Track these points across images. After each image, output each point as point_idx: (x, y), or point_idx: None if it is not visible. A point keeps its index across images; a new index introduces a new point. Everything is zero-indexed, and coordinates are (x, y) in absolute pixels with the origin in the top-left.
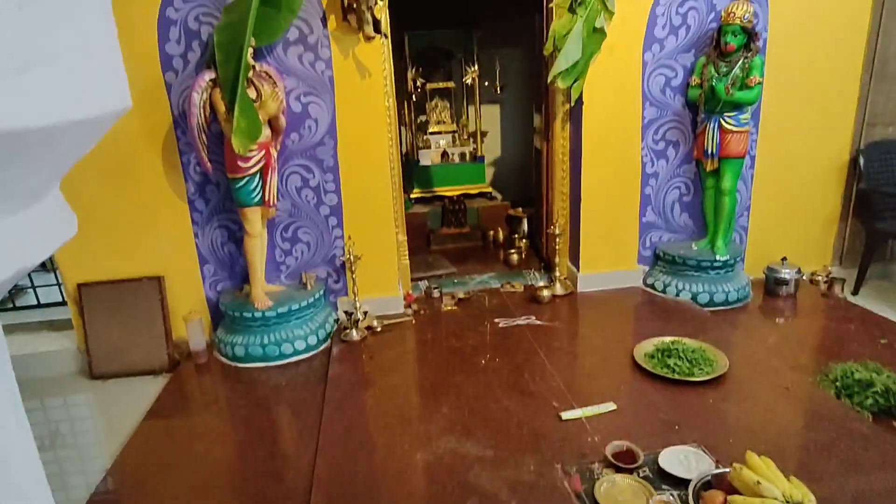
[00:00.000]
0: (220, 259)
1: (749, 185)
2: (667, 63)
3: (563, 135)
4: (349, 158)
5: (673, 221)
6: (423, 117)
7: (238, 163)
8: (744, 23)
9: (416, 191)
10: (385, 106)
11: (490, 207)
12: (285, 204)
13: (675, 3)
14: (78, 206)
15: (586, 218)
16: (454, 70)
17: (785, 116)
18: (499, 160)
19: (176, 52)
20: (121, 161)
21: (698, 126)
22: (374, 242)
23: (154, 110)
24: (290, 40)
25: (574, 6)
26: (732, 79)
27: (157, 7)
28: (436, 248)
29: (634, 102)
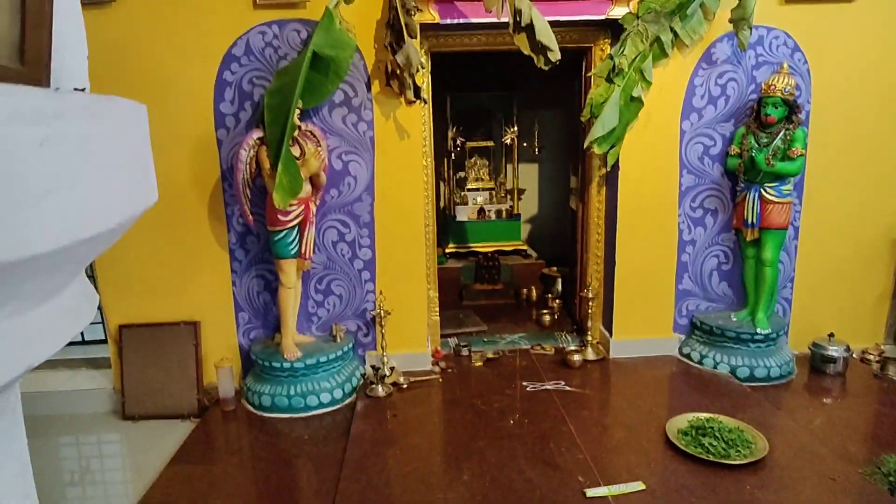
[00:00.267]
0: (254, 307)
1: (793, 257)
2: (705, 132)
3: (598, 198)
4: (385, 215)
5: (711, 290)
6: (461, 173)
7: (278, 216)
8: (785, 95)
9: (452, 246)
10: (422, 165)
11: (524, 265)
12: (321, 257)
13: (714, 74)
14: (124, 250)
15: (620, 282)
16: (494, 129)
17: (831, 188)
18: (536, 218)
19: (229, 112)
20: (169, 209)
21: (738, 195)
22: (405, 298)
23: (205, 164)
24: (335, 102)
25: (611, 76)
26: (773, 150)
27: (215, 70)
28: (468, 303)
29: (671, 169)
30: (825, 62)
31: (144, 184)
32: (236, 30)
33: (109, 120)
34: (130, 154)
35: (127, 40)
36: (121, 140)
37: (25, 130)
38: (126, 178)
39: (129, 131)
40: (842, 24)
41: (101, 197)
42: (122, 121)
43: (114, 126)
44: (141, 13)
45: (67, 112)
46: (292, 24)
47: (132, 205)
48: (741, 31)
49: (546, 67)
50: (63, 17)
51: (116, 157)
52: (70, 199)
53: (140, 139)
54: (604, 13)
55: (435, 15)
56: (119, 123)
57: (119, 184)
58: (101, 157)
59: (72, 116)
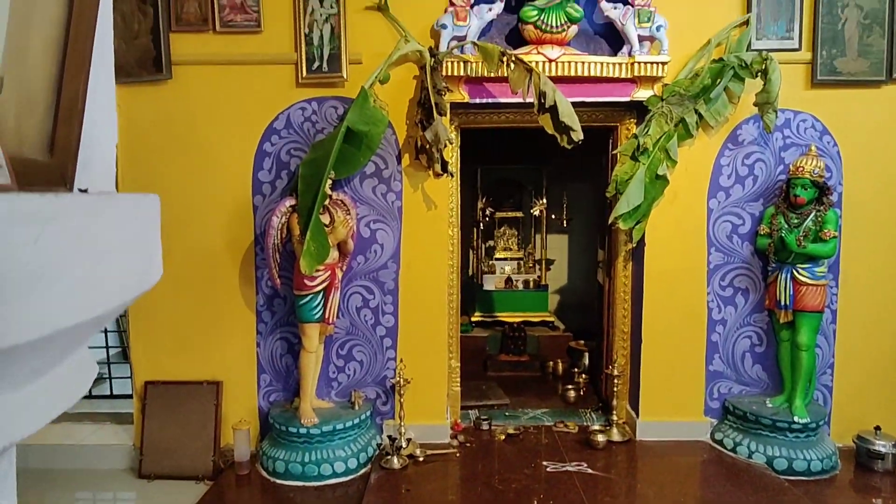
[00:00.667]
0: (276, 370)
1: (831, 342)
2: (733, 210)
3: (624, 273)
4: (409, 283)
5: (744, 373)
6: (490, 242)
7: (304, 281)
8: (814, 177)
9: (478, 314)
10: (449, 235)
11: (551, 337)
12: (344, 322)
13: (741, 155)
14: (158, 307)
15: (647, 360)
16: (524, 200)
17: (868, 271)
18: (564, 288)
19: (266, 180)
20: (203, 269)
21: (769, 275)
22: (425, 367)
23: (240, 228)
24: (366, 173)
25: (636, 154)
26: (804, 231)
27: (257, 141)
28: (492, 373)
29: (699, 247)
30: (856, 145)
31: (144, 269)
32: (279, 105)
33: (108, 216)
34: (129, 244)
35: (180, 113)
36: (119, 232)
37: (20, 230)
38: (122, 266)
39: (130, 224)
40: (871, 108)
41: (92, 286)
42: (123, 216)
43: (113, 221)
44: (194, 89)
45: (64, 214)
46: (330, 101)
47: (127, 291)
48: (766, 114)
49: (569, 147)
50: (95, 107)
51: (113, 248)
52: (58, 290)
53: (144, 228)
54: (628, 95)
55: (465, 95)
56: (119, 218)
57: (113, 272)
58: (96, 249)
59: (69, 217)
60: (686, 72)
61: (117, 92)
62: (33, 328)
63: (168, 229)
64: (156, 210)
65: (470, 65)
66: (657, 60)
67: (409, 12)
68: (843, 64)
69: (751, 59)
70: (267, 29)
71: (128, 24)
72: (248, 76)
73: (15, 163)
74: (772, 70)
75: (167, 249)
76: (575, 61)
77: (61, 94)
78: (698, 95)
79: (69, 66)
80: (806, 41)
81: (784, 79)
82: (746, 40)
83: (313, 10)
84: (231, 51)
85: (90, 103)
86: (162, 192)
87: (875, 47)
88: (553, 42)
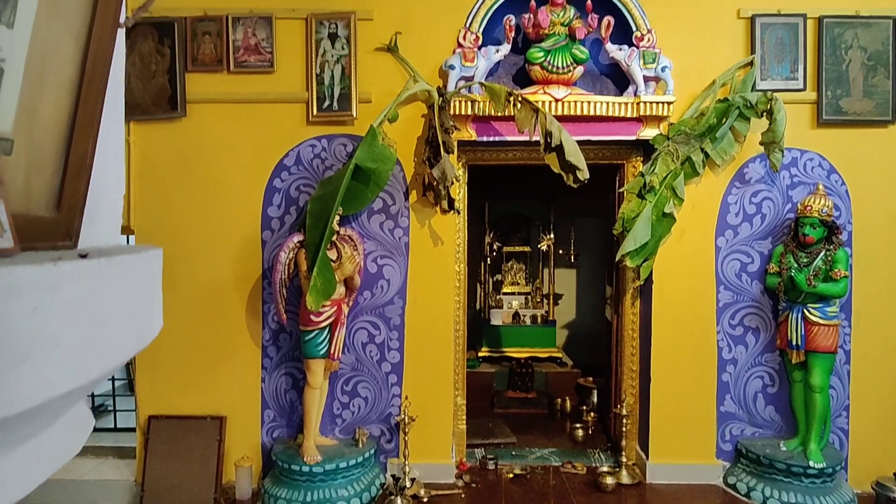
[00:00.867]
0: (280, 405)
1: (846, 383)
2: (742, 249)
3: (632, 310)
4: (416, 318)
5: (756, 415)
6: (498, 276)
7: (310, 316)
8: (822, 216)
9: (485, 350)
10: (455, 271)
11: (559, 374)
12: (349, 357)
13: (748, 193)
14: (165, 342)
15: (657, 400)
16: (531, 234)
17: (881, 311)
18: (573, 323)
19: (275, 215)
20: (211, 303)
21: (780, 314)
22: (431, 404)
23: (248, 263)
24: (374, 209)
25: (643, 192)
26: (814, 270)
27: (267, 177)
28: (499, 410)
29: (708, 285)
30: (864, 184)
31: (143, 327)
32: (289, 142)
33: (107, 281)
34: (128, 305)
35: (193, 149)
36: (118, 296)
37: (17, 301)
38: (120, 328)
39: (130, 285)
40: (878, 147)
41: (89, 351)
42: (122, 278)
43: (111, 285)
44: (207, 126)
45: (63, 282)
46: (340, 139)
47: (124, 351)
48: (773, 153)
49: (575, 185)
50: (104, 161)
51: (111, 312)
52: (53, 358)
53: (143, 287)
54: (634, 134)
55: (472, 133)
56: (117, 281)
57: (111, 335)
58: (94, 315)
59: (67, 285)
60: (692, 111)
61: (132, 129)
62: (26, 399)
63: (177, 263)
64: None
65: (477, 104)
66: (662, 100)
67: (418, 53)
68: (848, 104)
69: (756, 99)
70: (279, 69)
71: (146, 64)
72: (259, 114)
73: (20, 220)
74: (777, 110)
75: (175, 283)
76: (581, 101)
77: (70, 152)
78: (704, 134)
79: (79, 124)
80: (811, 82)
81: (790, 118)
82: (751, 80)
83: (325, 51)
84: (244, 90)
85: (99, 157)
86: (172, 226)
87: (880, 88)
88: (559, 82)
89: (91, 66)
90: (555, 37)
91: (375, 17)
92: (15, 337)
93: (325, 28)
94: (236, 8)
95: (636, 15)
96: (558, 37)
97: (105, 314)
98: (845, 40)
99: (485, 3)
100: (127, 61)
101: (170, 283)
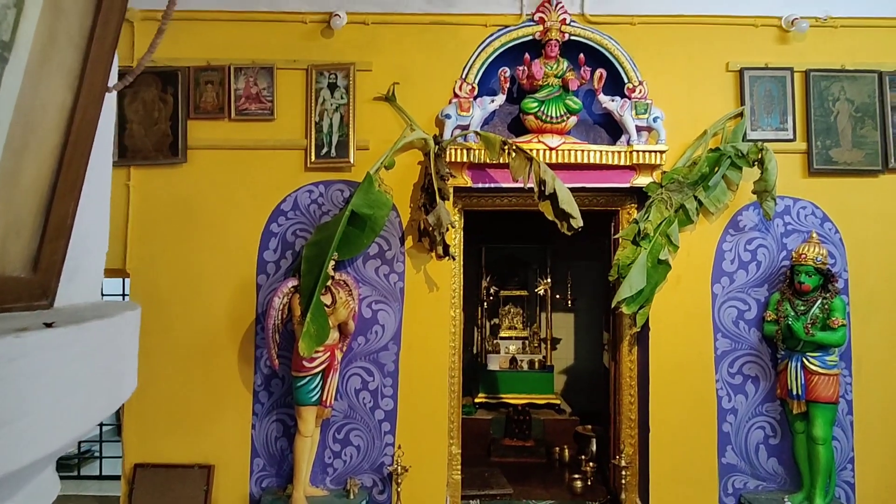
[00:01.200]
0: (271, 454)
1: (849, 434)
2: (738, 296)
3: (630, 357)
4: (410, 365)
5: (759, 467)
6: (495, 320)
7: (303, 362)
8: (817, 264)
9: (482, 395)
10: (450, 317)
11: (557, 421)
12: (342, 404)
13: (743, 241)
14: (154, 386)
15: (656, 451)
16: (529, 278)
17: (882, 359)
18: (571, 368)
19: (271, 259)
20: (202, 347)
21: (779, 363)
22: (425, 453)
23: (242, 306)
24: (369, 254)
25: (637, 239)
26: (812, 318)
27: (264, 222)
28: (496, 459)
29: (705, 333)
30: (858, 232)
31: (113, 391)
32: (287, 188)
33: (75, 349)
34: (98, 372)
35: (192, 193)
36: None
37: None
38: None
39: (101, 349)
40: (870, 196)
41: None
42: (92, 345)
43: (80, 353)
44: (207, 171)
45: (26, 353)
46: (337, 185)
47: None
48: (765, 201)
49: (569, 233)
50: (87, 220)
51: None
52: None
53: (115, 351)
54: (627, 182)
55: (468, 180)
56: (87, 349)
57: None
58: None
59: (33, 355)
60: (684, 160)
61: (132, 174)
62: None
63: (171, 306)
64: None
65: (473, 152)
66: (655, 149)
67: (415, 103)
68: (838, 154)
69: (747, 149)
70: (279, 117)
71: (148, 111)
72: (259, 160)
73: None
74: (768, 160)
75: (169, 326)
76: (575, 149)
77: (50, 216)
78: (697, 183)
79: (61, 189)
80: (800, 132)
81: (781, 167)
82: (742, 131)
83: (324, 100)
84: (244, 136)
85: (81, 218)
86: (168, 270)
87: (869, 139)
88: (553, 131)
89: (76, 131)
90: (549, 88)
91: (374, 69)
92: None
93: (325, 78)
94: (239, 58)
95: (627, 67)
96: (552, 88)
97: (72, 382)
98: (832, 93)
99: (480, 55)
100: (130, 108)
101: (163, 327)
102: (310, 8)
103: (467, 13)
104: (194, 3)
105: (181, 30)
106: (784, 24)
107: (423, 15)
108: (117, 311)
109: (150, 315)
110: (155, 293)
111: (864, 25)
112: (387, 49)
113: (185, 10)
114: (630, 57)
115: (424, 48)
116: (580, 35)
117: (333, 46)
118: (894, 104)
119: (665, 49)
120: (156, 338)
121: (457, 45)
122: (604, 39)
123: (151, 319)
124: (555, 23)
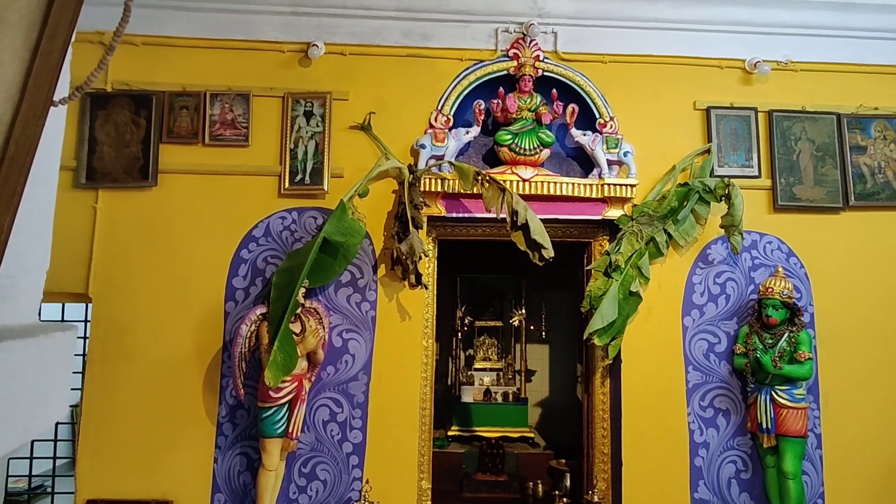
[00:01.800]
0: (233, 489)
1: (819, 468)
2: (708, 329)
3: (602, 390)
4: (380, 396)
5: (731, 501)
6: (470, 351)
7: (269, 392)
8: (783, 298)
9: (455, 428)
10: (423, 346)
11: (531, 455)
12: (309, 436)
13: (712, 274)
14: (111, 416)
15: (629, 486)
16: (504, 308)
17: (849, 393)
18: (546, 401)
19: (240, 286)
20: (165, 376)
21: (749, 396)
22: (394, 488)
23: (209, 334)
24: (341, 282)
25: (609, 271)
26: (779, 351)
27: (234, 248)
28: (468, 495)
29: (676, 365)
30: (822, 267)
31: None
32: (259, 214)
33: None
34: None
35: (161, 218)
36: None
37: None
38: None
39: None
40: (833, 232)
41: None
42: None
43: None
44: (177, 196)
45: None
46: (310, 212)
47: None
48: (733, 236)
49: (541, 264)
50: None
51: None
52: None
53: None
54: (599, 214)
55: (442, 209)
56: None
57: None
58: None
59: None
60: (654, 194)
61: (100, 196)
62: None
63: (135, 332)
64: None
65: (447, 181)
66: (625, 183)
67: (390, 132)
68: (801, 191)
69: (714, 184)
70: (254, 143)
71: (120, 133)
72: (231, 186)
73: None
74: (734, 195)
75: (130, 353)
76: (547, 181)
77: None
78: (666, 216)
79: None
80: (765, 169)
81: (747, 203)
82: (709, 167)
83: (300, 127)
84: (217, 162)
85: (18, 236)
86: (133, 294)
87: (830, 177)
88: (527, 163)
89: (14, 145)
90: (522, 121)
91: (351, 98)
92: None
93: (301, 106)
94: (215, 85)
95: (599, 104)
96: (525, 121)
97: None
98: (794, 132)
99: (456, 87)
100: (101, 130)
101: (124, 354)
102: (287, 37)
103: (444, 48)
104: (172, 29)
105: (158, 55)
106: (747, 66)
107: (401, 48)
108: (46, 332)
109: (111, 341)
110: (118, 319)
111: (822, 70)
112: (364, 79)
113: (162, 36)
114: (601, 93)
115: (401, 79)
116: (553, 71)
117: (310, 75)
118: (852, 145)
119: (635, 87)
120: (116, 365)
121: (433, 77)
122: (576, 76)
123: (112, 346)
124: (529, 59)
